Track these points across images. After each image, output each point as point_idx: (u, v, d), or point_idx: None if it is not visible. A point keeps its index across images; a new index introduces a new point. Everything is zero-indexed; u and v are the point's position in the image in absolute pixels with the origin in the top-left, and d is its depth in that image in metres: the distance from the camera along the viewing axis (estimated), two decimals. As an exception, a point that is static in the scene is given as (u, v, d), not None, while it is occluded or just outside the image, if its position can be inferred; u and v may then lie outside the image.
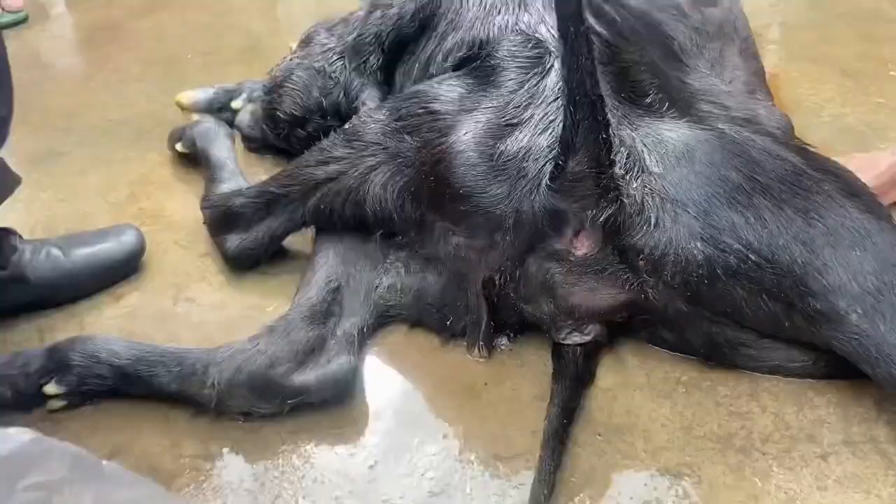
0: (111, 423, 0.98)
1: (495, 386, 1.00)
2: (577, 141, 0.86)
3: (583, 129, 0.85)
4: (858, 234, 0.86)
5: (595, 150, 0.86)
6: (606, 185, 0.88)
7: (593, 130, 0.85)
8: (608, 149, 0.87)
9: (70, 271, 1.14)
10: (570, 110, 0.83)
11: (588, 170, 0.87)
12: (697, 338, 0.95)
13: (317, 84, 1.31)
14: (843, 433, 0.89)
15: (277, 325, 1.00)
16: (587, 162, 0.87)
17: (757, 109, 1.15)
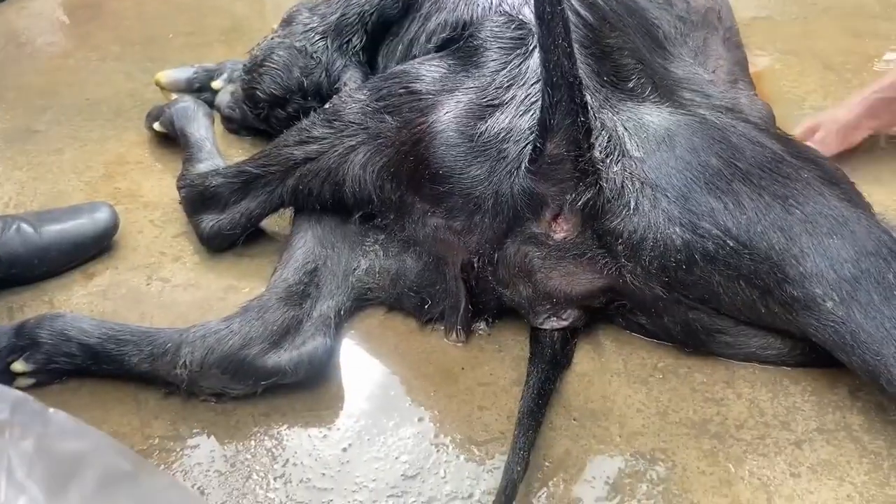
0: (79, 402, 0.96)
1: (472, 370, 0.99)
2: (555, 123, 0.85)
3: (560, 111, 0.84)
4: (836, 221, 0.85)
5: (573, 132, 0.85)
6: (585, 168, 0.87)
7: (571, 112, 0.84)
8: (587, 131, 0.85)
9: (41, 247, 1.12)
10: (548, 91, 0.82)
11: (566, 152, 0.86)
12: (675, 324, 0.95)
13: (298, 64, 1.29)
14: (818, 421, 0.89)
15: (252, 305, 0.98)
16: (565, 144, 0.86)
17: (739, 99, 1.15)
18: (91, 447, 0.64)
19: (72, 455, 0.63)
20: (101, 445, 0.66)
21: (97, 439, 0.67)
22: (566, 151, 0.86)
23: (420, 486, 0.85)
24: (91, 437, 0.66)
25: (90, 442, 0.66)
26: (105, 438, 0.69)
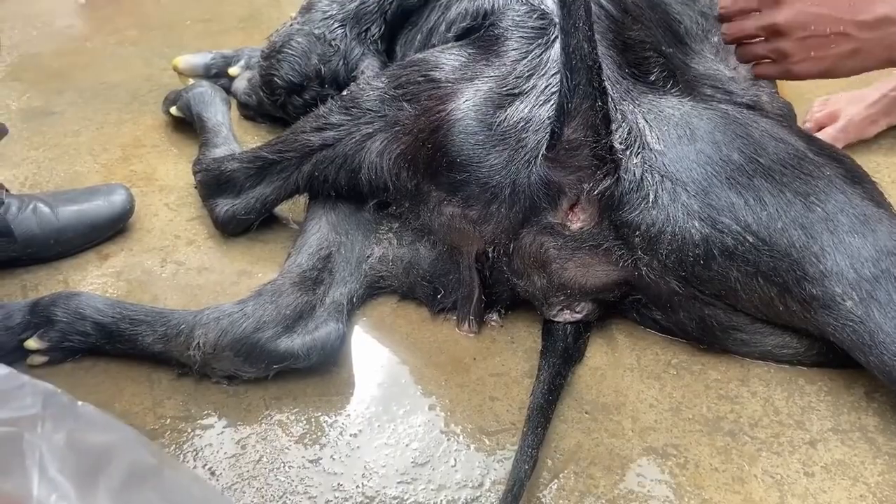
0: (93, 380, 0.96)
1: (484, 361, 0.99)
2: (573, 107, 0.84)
3: (578, 95, 0.84)
4: (858, 220, 0.84)
5: (591, 117, 0.84)
6: (603, 155, 0.87)
7: (589, 97, 0.84)
8: (605, 117, 0.85)
9: (57, 228, 1.12)
10: (567, 75, 0.82)
11: (584, 138, 0.86)
12: (690, 320, 0.94)
13: (316, 51, 1.29)
14: (833, 420, 0.88)
15: (266, 289, 0.98)
16: (583, 129, 0.85)
17: (760, 96, 1.14)
18: (118, 441, 0.64)
19: (100, 449, 0.63)
20: (127, 439, 0.66)
21: (123, 432, 0.67)
22: (584, 137, 0.86)
23: (430, 473, 0.85)
24: (117, 430, 0.66)
25: (117, 435, 0.66)
26: (130, 431, 0.68)
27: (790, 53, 0.95)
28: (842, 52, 0.92)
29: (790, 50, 0.95)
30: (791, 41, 0.94)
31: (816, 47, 0.93)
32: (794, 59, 0.95)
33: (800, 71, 0.96)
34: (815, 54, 0.94)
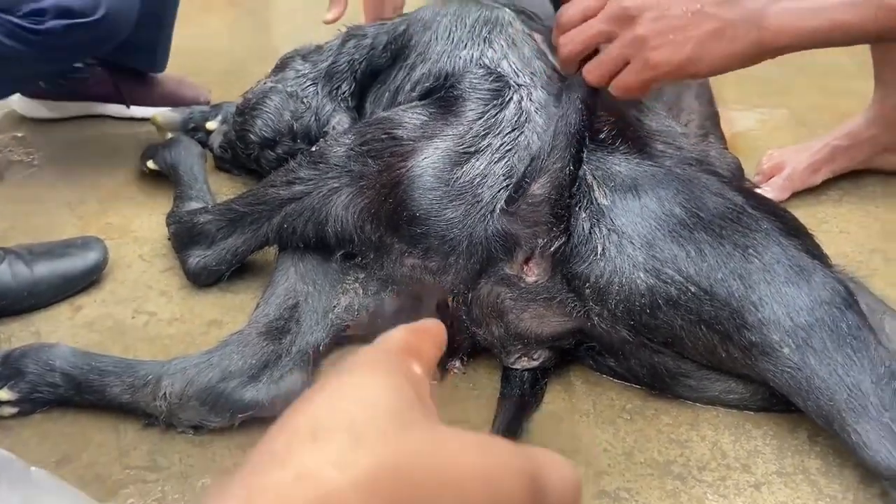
0: (61, 431, 0.98)
1: (445, 407, 1.02)
2: (546, 165, 0.91)
3: (554, 156, 0.91)
4: (793, 271, 0.89)
5: (560, 178, 0.91)
6: (560, 213, 0.92)
7: (562, 160, 0.90)
8: (572, 180, 0.91)
9: (31, 281, 1.15)
10: (549, 137, 0.89)
11: (548, 195, 0.91)
12: (641, 367, 0.98)
13: (289, 108, 1.34)
14: (777, 464, 0.91)
15: (232, 339, 1.01)
16: (549, 187, 0.91)
17: (709, 151, 1.20)
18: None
19: None
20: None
21: (76, 498, 0.69)
22: (548, 194, 0.91)
23: (389, 520, 0.87)
24: (70, 495, 0.68)
25: (70, 501, 0.68)
26: (82, 497, 0.70)
27: (645, 38, 0.83)
28: (704, 34, 0.82)
29: (644, 34, 0.83)
30: (644, 24, 0.83)
31: (674, 29, 0.82)
32: (650, 45, 0.83)
33: (659, 59, 0.84)
34: (673, 37, 0.83)
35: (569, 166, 0.91)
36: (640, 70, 0.86)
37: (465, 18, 1.17)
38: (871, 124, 1.34)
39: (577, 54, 0.90)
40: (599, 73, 0.89)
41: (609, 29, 0.86)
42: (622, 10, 0.85)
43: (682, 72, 0.85)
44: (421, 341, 0.40)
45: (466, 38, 1.14)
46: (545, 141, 0.96)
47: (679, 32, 0.83)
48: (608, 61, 0.87)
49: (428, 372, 0.38)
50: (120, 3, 1.31)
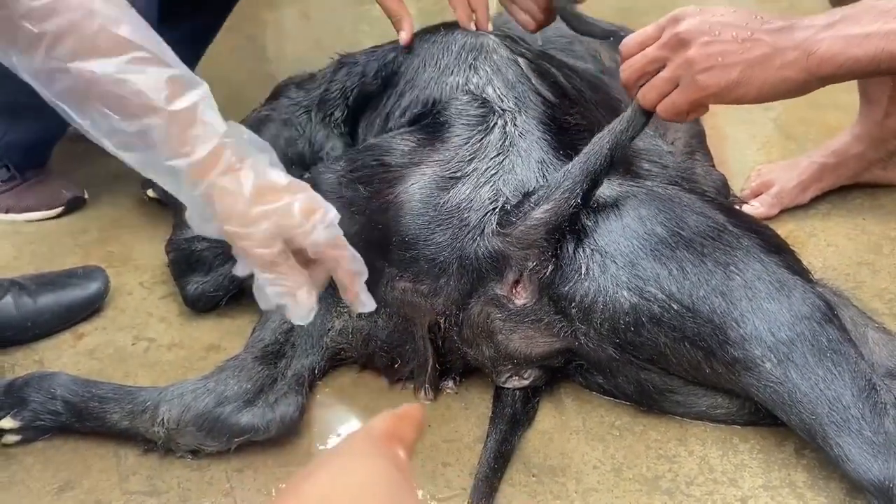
0: (62, 458, 1.01)
1: (438, 427, 1.04)
2: (555, 195, 0.93)
3: (565, 187, 0.93)
4: (774, 287, 0.91)
5: (564, 208, 0.93)
6: (554, 240, 0.95)
7: (573, 193, 0.93)
8: (574, 214, 0.94)
9: (34, 311, 1.17)
10: (581, 165, 0.93)
11: (548, 221, 0.94)
12: (628, 383, 1.00)
13: (283, 135, 1.38)
14: (764, 477, 0.93)
15: (229, 364, 1.03)
16: (551, 215, 0.94)
17: (695, 169, 1.22)
18: None
19: None
20: None
21: None
22: (548, 220, 0.93)
23: (382, 540, 0.89)
24: None
25: None
26: None
27: (695, 60, 0.85)
28: (753, 58, 0.84)
29: (694, 56, 0.85)
30: (694, 48, 0.85)
31: (724, 53, 0.84)
32: (699, 67, 0.85)
33: (708, 80, 0.85)
34: (722, 60, 0.84)
35: (576, 200, 0.93)
36: (689, 91, 0.88)
37: (451, 45, 1.20)
38: (857, 141, 1.36)
39: (635, 80, 0.93)
40: (651, 95, 0.91)
41: (663, 55, 0.89)
42: (675, 37, 0.87)
43: (730, 94, 0.87)
44: (404, 426, 0.48)
45: (453, 64, 1.17)
46: (531, 167, 0.99)
47: (728, 56, 0.85)
48: (659, 83, 0.90)
49: (409, 454, 0.47)
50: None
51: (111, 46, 0.74)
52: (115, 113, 0.75)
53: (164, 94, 0.75)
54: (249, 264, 0.83)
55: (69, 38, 0.72)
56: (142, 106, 0.75)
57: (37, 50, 0.72)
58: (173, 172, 0.78)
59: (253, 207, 0.78)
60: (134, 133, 0.76)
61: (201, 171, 0.77)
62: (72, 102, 0.75)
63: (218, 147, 0.77)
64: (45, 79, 0.74)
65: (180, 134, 0.76)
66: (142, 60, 0.75)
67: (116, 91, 0.74)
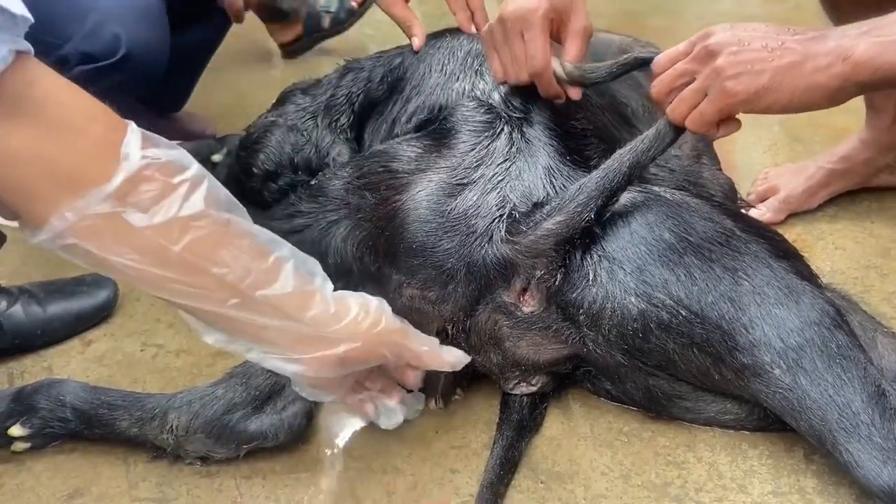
0: (72, 465, 1.01)
1: (446, 434, 1.04)
2: (568, 207, 0.93)
3: (579, 200, 0.93)
4: (783, 293, 0.91)
5: (577, 221, 0.93)
6: (563, 251, 0.94)
7: (587, 208, 0.93)
8: (586, 229, 0.94)
9: (44, 320, 1.18)
10: (598, 180, 0.93)
11: (559, 232, 0.93)
12: (637, 390, 1.00)
13: (289, 141, 1.38)
14: (773, 484, 0.92)
15: (237, 371, 1.03)
16: (562, 227, 0.93)
17: (702, 172, 1.22)
18: None
19: None
20: None
21: None
22: (559, 231, 0.93)
23: (391, 547, 0.89)
24: None
25: None
26: None
27: (723, 68, 0.84)
28: (784, 64, 0.82)
29: (722, 65, 0.84)
30: (723, 57, 0.84)
31: (753, 61, 0.83)
32: (727, 74, 0.84)
33: (736, 87, 0.83)
34: (751, 67, 0.83)
35: (589, 214, 0.93)
36: (717, 99, 0.86)
37: (457, 51, 1.20)
38: (865, 147, 1.35)
39: (665, 95, 0.92)
40: (680, 108, 0.90)
41: (693, 68, 0.88)
42: (705, 49, 0.87)
43: (760, 101, 0.84)
44: None
45: (459, 70, 1.17)
46: (538, 173, 0.99)
47: (758, 63, 0.83)
48: (688, 95, 0.89)
49: None
50: (146, 39, 1.33)
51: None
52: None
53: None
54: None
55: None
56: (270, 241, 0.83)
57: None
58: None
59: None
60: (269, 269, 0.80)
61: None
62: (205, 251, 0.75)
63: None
64: (176, 235, 0.73)
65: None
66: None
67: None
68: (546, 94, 1.06)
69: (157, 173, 0.71)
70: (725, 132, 0.92)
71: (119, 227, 0.70)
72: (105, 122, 0.70)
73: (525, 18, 1.00)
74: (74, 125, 0.68)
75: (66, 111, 0.68)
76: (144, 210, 0.70)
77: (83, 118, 0.69)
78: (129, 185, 0.69)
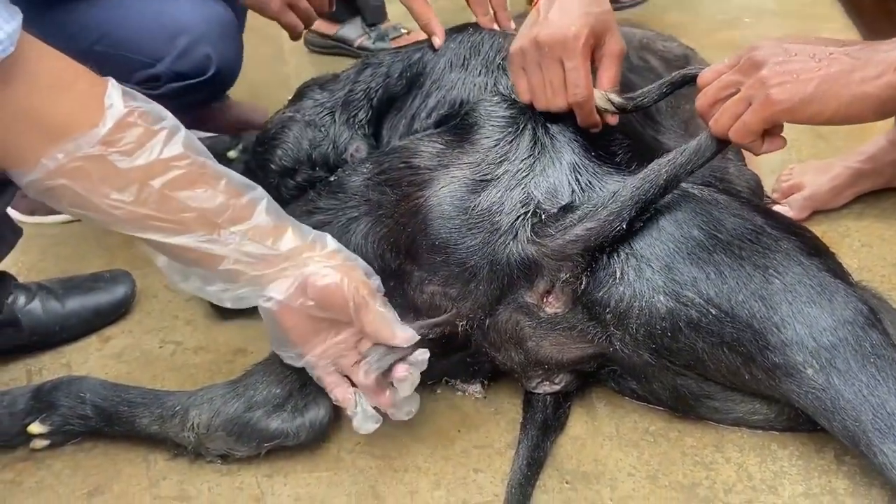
0: (92, 462, 1.00)
1: (468, 432, 1.03)
2: (601, 214, 0.91)
3: (612, 209, 0.91)
4: (815, 291, 0.89)
5: (608, 230, 0.91)
6: (591, 257, 0.92)
7: (620, 218, 0.91)
8: (616, 237, 0.92)
9: (62, 316, 1.18)
10: (633, 190, 0.91)
11: (588, 238, 0.91)
12: (664, 389, 0.98)
13: (307, 137, 1.36)
14: (804, 485, 0.91)
15: (257, 369, 1.03)
16: (593, 234, 0.91)
17: (727, 168, 1.20)
18: None
19: None
20: None
21: None
22: (589, 237, 0.91)
23: (415, 548, 0.88)
24: None
25: None
26: None
27: (767, 78, 0.81)
28: (832, 73, 0.79)
29: (767, 75, 0.81)
30: (768, 67, 0.82)
31: (799, 70, 0.80)
32: (772, 83, 0.81)
33: (780, 95, 0.80)
34: (797, 76, 0.80)
35: (620, 225, 0.91)
36: (760, 108, 0.83)
37: (479, 46, 1.19)
38: (893, 148, 1.33)
39: (709, 107, 0.90)
40: (723, 119, 0.88)
41: (737, 79, 0.86)
42: (750, 61, 0.85)
43: (804, 111, 0.81)
44: None
45: (481, 65, 1.16)
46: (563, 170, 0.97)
47: (804, 73, 0.80)
48: (731, 105, 0.87)
49: None
50: (230, 56, 1.40)
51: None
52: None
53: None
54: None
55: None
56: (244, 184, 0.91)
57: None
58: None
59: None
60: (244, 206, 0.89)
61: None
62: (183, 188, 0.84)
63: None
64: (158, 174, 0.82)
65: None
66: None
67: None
68: (585, 123, 1.01)
69: (139, 120, 0.80)
70: (770, 148, 0.89)
71: (105, 168, 0.78)
72: (88, 80, 0.80)
73: (566, 45, 0.95)
74: (62, 82, 0.77)
75: (54, 71, 0.78)
76: (129, 154, 0.79)
77: (69, 76, 0.78)
78: (116, 130, 0.78)
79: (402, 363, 0.93)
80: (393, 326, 0.93)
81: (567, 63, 0.96)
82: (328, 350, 0.94)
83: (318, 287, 0.89)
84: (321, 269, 0.90)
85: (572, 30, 0.95)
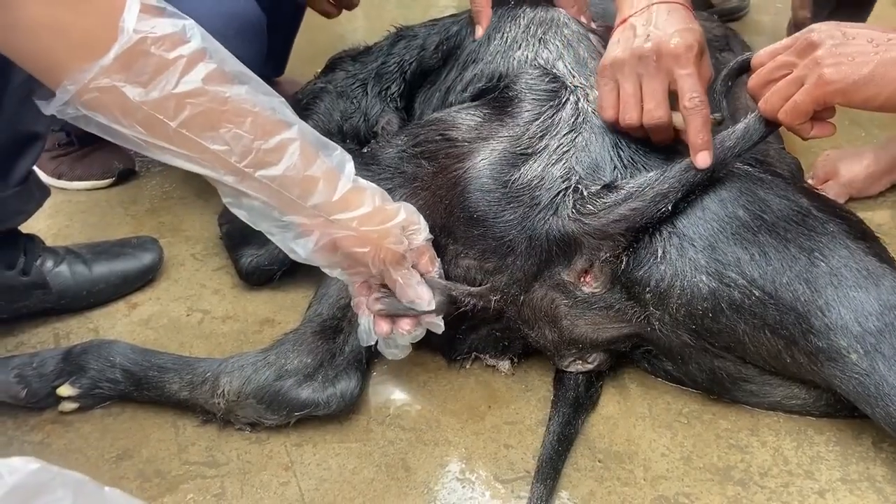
0: (120, 426, 1.00)
1: (498, 409, 1.02)
2: (647, 194, 0.89)
3: (659, 188, 0.89)
4: (861, 275, 0.87)
5: (652, 211, 0.89)
6: (633, 237, 0.91)
7: (665, 200, 0.89)
8: (661, 218, 0.90)
9: (90, 280, 1.17)
10: (681, 173, 0.89)
11: (632, 218, 0.90)
12: (700, 371, 0.97)
13: (338, 108, 1.35)
14: (841, 471, 0.90)
15: (288, 338, 1.02)
16: (637, 214, 0.90)
17: (768, 151, 1.18)
18: None
19: None
20: None
21: None
22: (633, 218, 0.90)
23: (446, 521, 0.87)
24: None
25: None
26: None
27: (821, 58, 0.80)
28: (889, 57, 0.78)
29: (822, 55, 0.80)
30: (824, 48, 0.80)
31: (856, 53, 0.79)
32: (825, 63, 0.80)
33: (834, 76, 0.79)
34: (853, 59, 0.79)
35: (666, 207, 0.89)
36: (813, 88, 0.81)
37: (519, 19, 1.17)
38: None
39: (761, 87, 0.89)
40: (774, 99, 0.86)
41: (792, 60, 0.85)
42: (806, 41, 0.83)
43: (858, 93, 0.80)
44: None
45: (521, 38, 1.14)
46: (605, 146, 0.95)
47: (861, 56, 0.79)
48: (783, 85, 0.85)
49: None
50: (247, 56, 1.29)
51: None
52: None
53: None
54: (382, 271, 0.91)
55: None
56: (277, 122, 0.81)
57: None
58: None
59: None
60: (272, 149, 0.80)
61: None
62: (202, 128, 0.77)
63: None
64: (172, 111, 0.75)
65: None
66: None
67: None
68: (695, 136, 0.91)
69: (153, 48, 0.73)
70: (818, 133, 0.87)
71: (120, 100, 0.73)
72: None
73: (678, 55, 0.91)
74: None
75: None
76: (143, 85, 0.73)
77: None
78: (124, 60, 0.71)
79: (410, 319, 0.93)
80: (413, 290, 0.92)
81: (680, 71, 0.90)
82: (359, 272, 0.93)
83: (345, 252, 0.88)
84: (346, 238, 0.86)
85: (685, 41, 0.91)
